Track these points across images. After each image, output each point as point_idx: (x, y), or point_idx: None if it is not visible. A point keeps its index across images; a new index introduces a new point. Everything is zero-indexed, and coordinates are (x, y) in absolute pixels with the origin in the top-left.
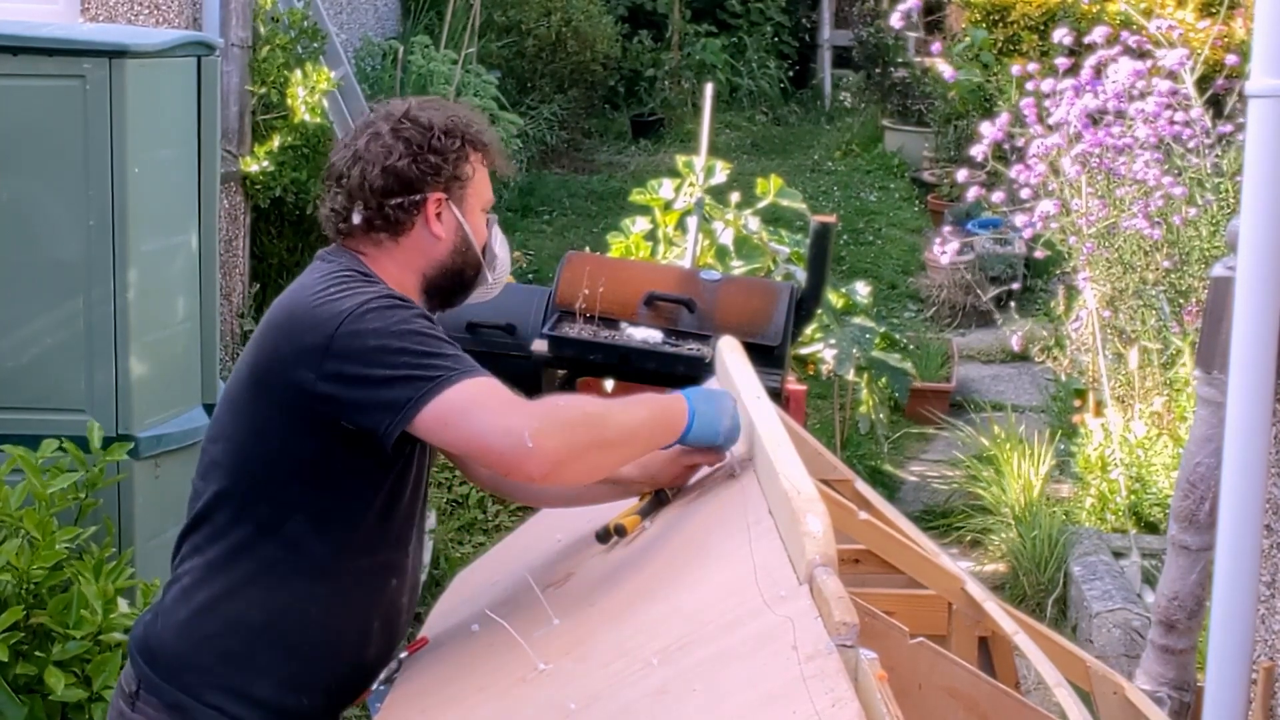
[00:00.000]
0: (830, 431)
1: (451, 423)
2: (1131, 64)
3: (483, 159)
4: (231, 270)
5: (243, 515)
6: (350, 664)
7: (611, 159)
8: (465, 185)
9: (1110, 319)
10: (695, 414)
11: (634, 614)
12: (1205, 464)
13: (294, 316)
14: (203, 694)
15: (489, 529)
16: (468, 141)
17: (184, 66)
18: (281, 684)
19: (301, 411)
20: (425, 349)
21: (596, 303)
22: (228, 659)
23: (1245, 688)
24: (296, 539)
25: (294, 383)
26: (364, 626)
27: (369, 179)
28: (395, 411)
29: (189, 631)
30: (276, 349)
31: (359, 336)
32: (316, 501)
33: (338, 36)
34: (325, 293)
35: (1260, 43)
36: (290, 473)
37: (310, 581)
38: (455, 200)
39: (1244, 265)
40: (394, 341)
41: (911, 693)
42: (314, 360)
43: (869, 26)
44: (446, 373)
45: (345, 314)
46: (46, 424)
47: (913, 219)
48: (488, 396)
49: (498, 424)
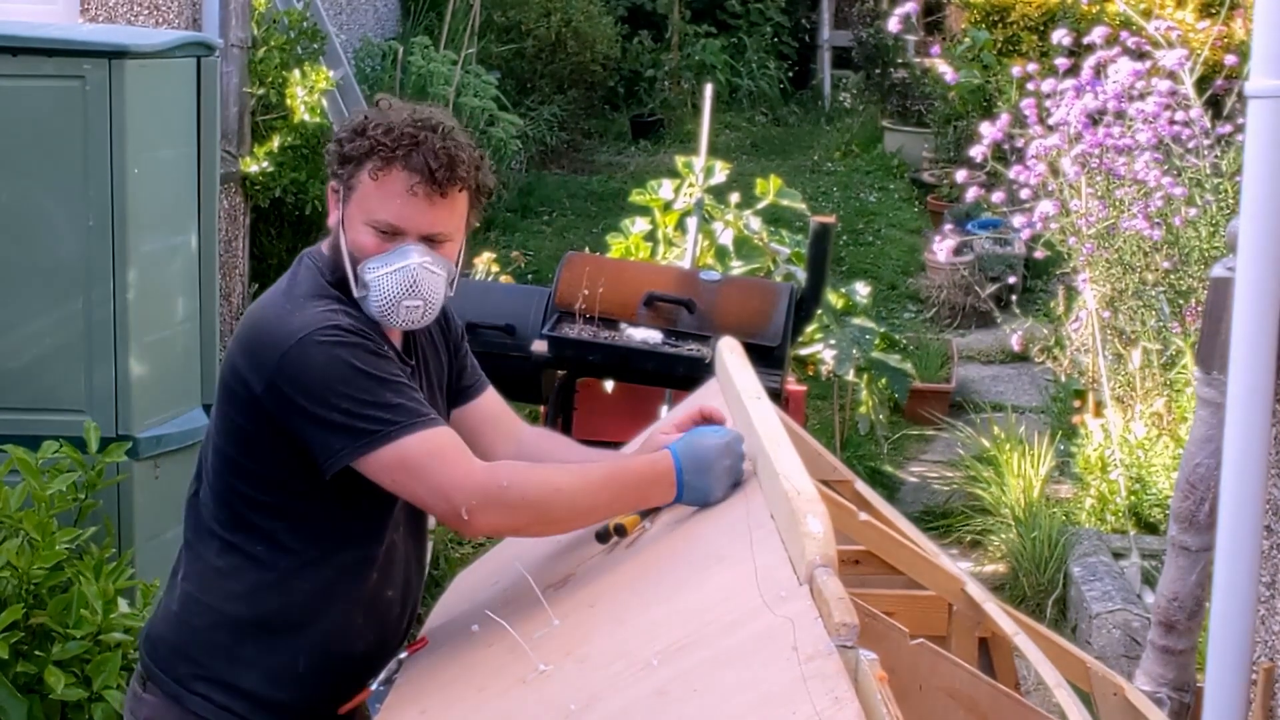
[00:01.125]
0: (830, 432)
1: (394, 480)
2: (1131, 64)
3: (373, 171)
4: (231, 271)
5: (220, 511)
6: (337, 657)
7: (611, 159)
8: (352, 188)
9: (1110, 319)
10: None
11: (634, 615)
12: (1205, 464)
13: (254, 330)
14: (193, 684)
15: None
16: (367, 152)
17: (183, 67)
18: (267, 676)
19: (257, 416)
20: (367, 399)
21: (596, 303)
22: (214, 650)
23: (1245, 688)
24: (269, 534)
25: (250, 390)
26: (346, 620)
27: None
28: (330, 454)
29: (180, 624)
30: (237, 359)
31: (303, 368)
32: (282, 498)
33: (337, 37)
34: (282, 308)
35: (1259, 43)
36: (256, 472)
37: (285, 575)
38: (344, 198)
39: (1243, 265)
40: (336, 385)
41: (912, 694)
42: (265, 379)
43: (869, 27)
44: (385, 428)
45: (293, 340)
46: (46, 424)
47: (912, 219)
48: (426, 460)
49: (436, 490)
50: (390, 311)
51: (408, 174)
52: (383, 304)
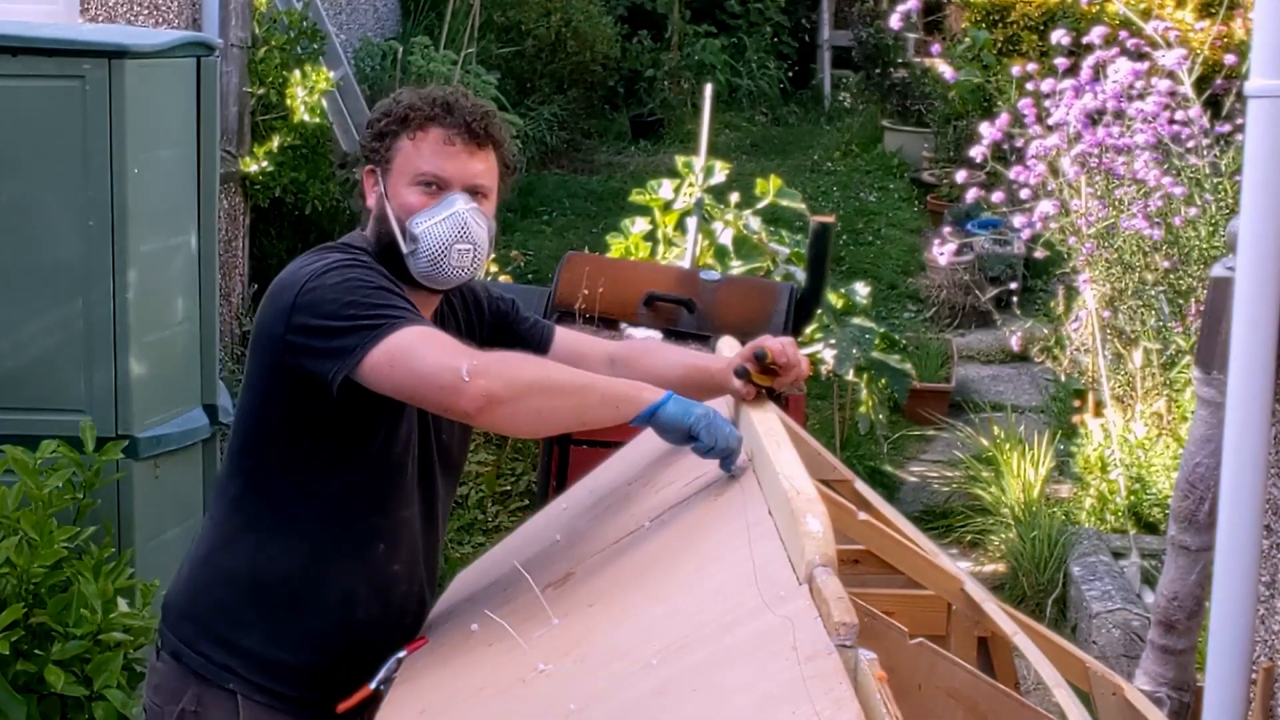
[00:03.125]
0: (830, 432)
1: (396, 363)
2: (1130, 64)
3: (410, 134)
4: (231, 270)
5: (238, 472)
6: (336, 624)
7: (611, 159)
8: (390, 162)
9: (1110, 319)
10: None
11: (634, 614)
12: (1205, 464)
13: (280, 282)
14: (196, 643)
15: (489, 529)
16: (402, 120)
17: (183, 67)
18: (267, 636)
19: (279, 367)
20: (375, 301)
21: (596, 303)
22: (218, 610)
23: (1245, 688)
24: (279, 495)
25: (273, 337)
26: (349, 587)
27: None
28: (343, 358)
29: (189, 584)
30: (265, 311)
31: (319, 291)
32: (296, 458)
33: (337, 37)
34: (305, 259)
35: (1259, 43)
36: (273, 429)
37: (292, 537)
38: (383, 175)
39: (1243, 265)
40: (347, 295)
41: (911, 693)
42: (285, 315)
43: (868, 27)
44: (391, 321)
45: (312, 273)
46: (46, 424)
47: (912, 219)
48: (429, 339)
49: (437, 360)
50: (441, 258)
51: (445, 129)
52: (433, 252)
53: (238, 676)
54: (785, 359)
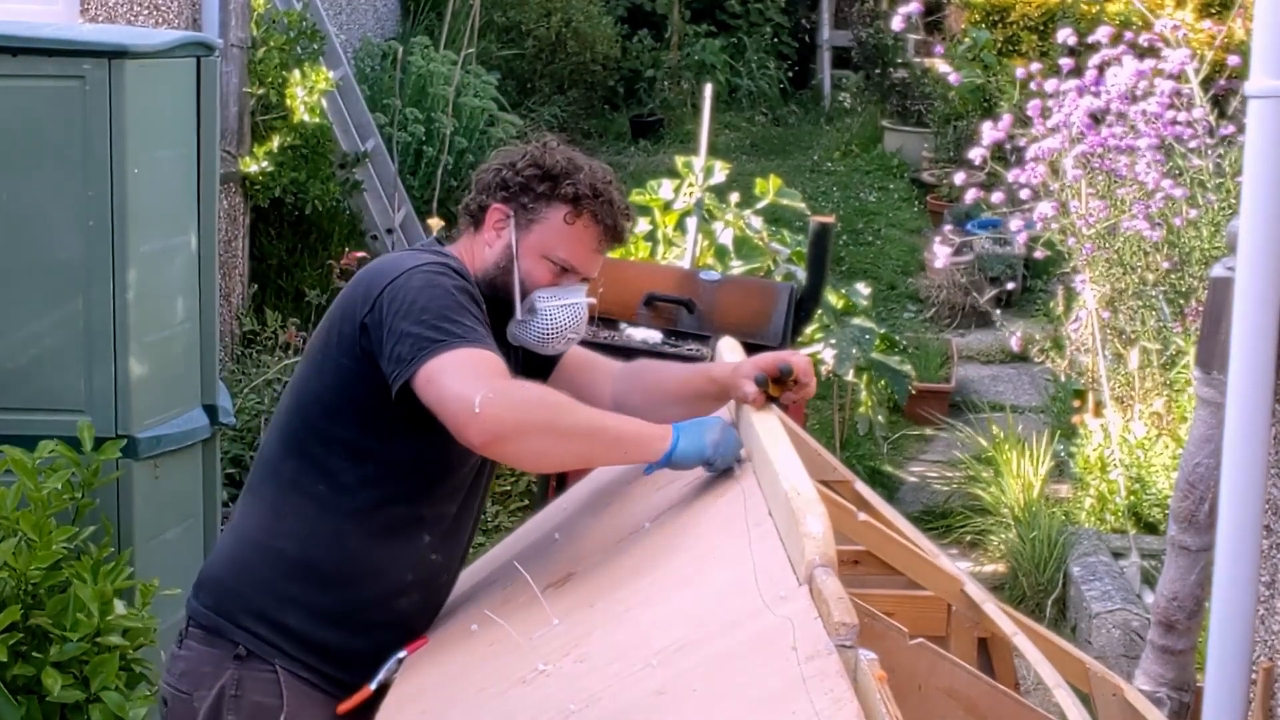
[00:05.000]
0: (829, 432)
1: (431, 381)
2: (1134, 64)
3: (569, 216)
4: (231, 271)
5: (291, 449)
6: (381, 609)
7: (611, 159)
8: (534, 220)
9: (1110, 319)
10: (680, 434)
11: (634, 615)
12: (1205, 464)
13: (371, 270)
14: (238, 617)
15: (489, 529)
16: (556, 187)
17: (183, 67)
18: (312, 616)
19: (353, 348)
20: (446, 314)
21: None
22: (264, 587)
23: (1245, 688)
24: (334, 473)
25: (353, 318)
26: (395, 574)
27: (476, 176)
28: (400, 365)
29: (232, 560)
30: (350, 294)
31: (403, 289)
32: (356, 437)
33: (337, 37)
34: (399, 256)
35: (1259, 43)
36: (336, 406)
37: (343, 518)
38: (518, 225)
39: (1243, 266)
40: (423, 300)
41: (911, 694)
42: (370, 301)
43: (868, 27)
44: (451, 339)
45: (404, 270)
46: (45, 425)
47: (912, 219)
48: (466, 364)
49: (457, 388)
50: (554, 339)
51: (600, 228)
52: (548, 332)
53: (281, 652)
54: (807, 378)
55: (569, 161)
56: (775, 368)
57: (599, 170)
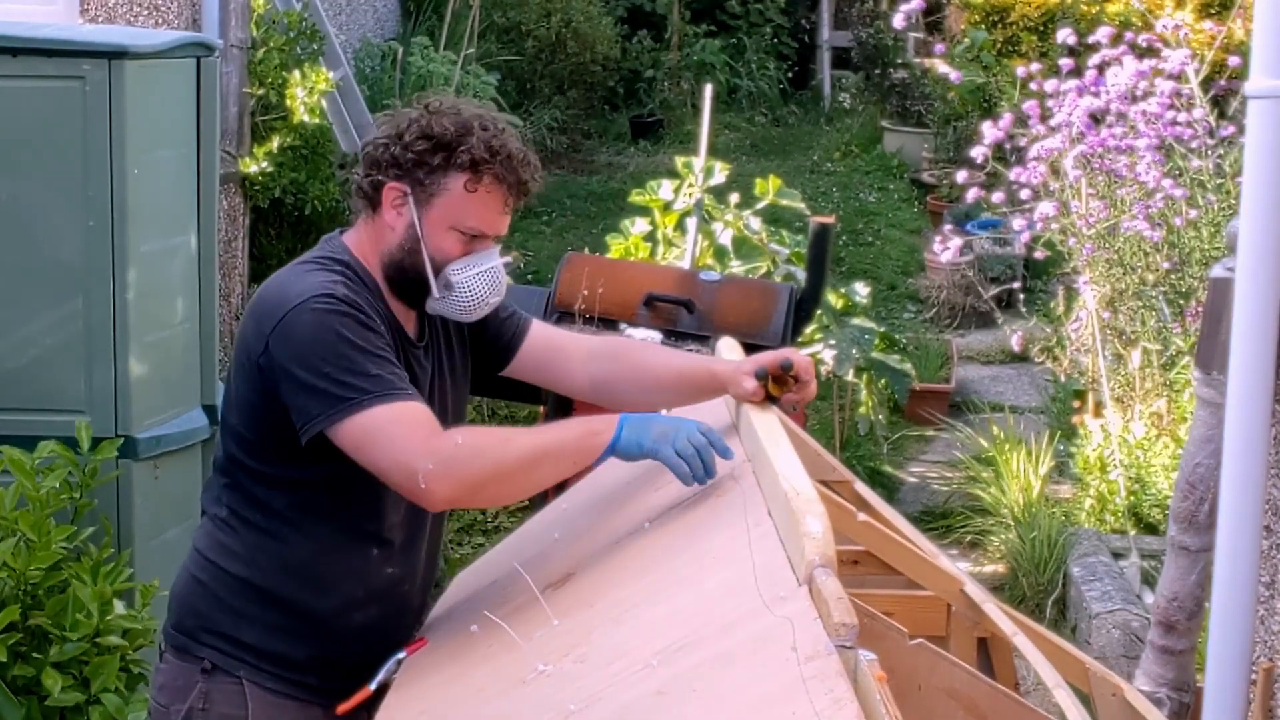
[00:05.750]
0: (829, 432)
1: (361, 447)
2: (1135, 64)
3: (470, 183)
4: (230, 271)
5: (227, 476)
6: (336, 623)
7: (611, 160)
8: (433, 194)
9: (1110, 320)
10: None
11: (633, 615)
12: (1205, 465)
13: (259, 302)
14: (199, 635)
15: (488, 529)
16: (451, 156)
17: (183, 67)
18: (269, 631)
19: (256, 384)
20: (346, 364)
21: (596, 304)
22: (219, 606)
23: (1244, 688)
24: (275, 503)
25: (251, 357)
26: (346, 590)
27: (363, 150)
28: (307, 419)
29: (189, 579)
30: (244, 328)
31: (294, 331)
32: (280, 469)
33: (337, 37)
34: (285, 279)
35: (1259, 43)
36: (252, 443)
37: (283, 543)
38: (418, 201)
39: (1243, 266)
40: (320, 349)
41: (911, 694)
42: (264, 340)
43: (868, 27)
44: (359, 396)
45: (289, 308)
46: (45, 425)
47: (912, 220)
48: (391, 426)
49: (396, 459)
50: (475, 308)
51: (503, 189)
52: (468, 302)
53: (246, 664)
54: (808, 376)
55: (457, 125)
56: (776, 364)
57: (490, 123)
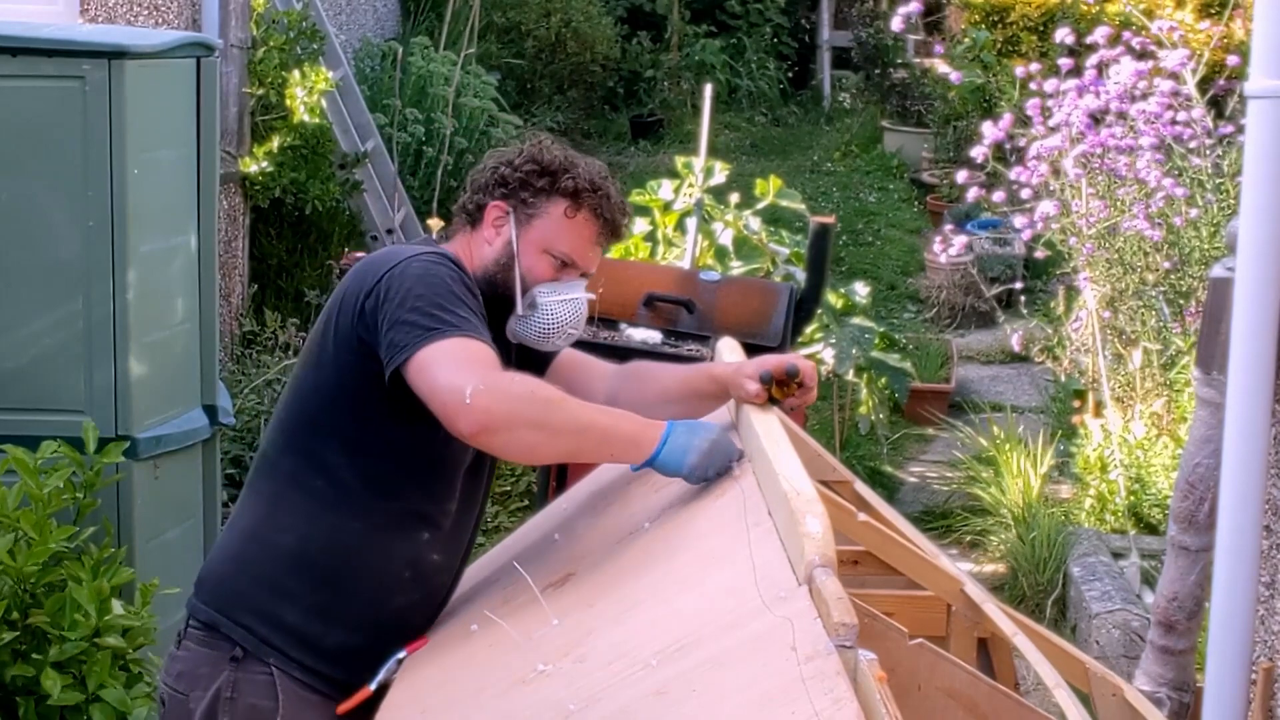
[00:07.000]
0: (830, 432)
1: (422, 371)
2: (1133, 64)
3: (569, 210)
4: (231, 271)
5: (290, 445)
6: (377, 605)
7: (611, 160)
8: (533, 215)
9: (1110, 320)
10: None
11: (633, 615)
12: (1205, 465)
13: (369, 260)
14: (235, 614)
15: (489, 529)
16: (555, 182)
17: (183, 67)
18: (308, 612)
19: (350, 339)
20: (441, 303)
21: (595, 303)
22: (261, 582)
23: (1245, 688)
24: (341, 473)
25: (351, 306)
26: (392, 569)
27: (471, 176)
28: (394, 351)
29: (230, 556)
30: (347, 284)
31: (400, 277)
32: (353, 432)
33: (337, 37)
34: (397, 248)
35: (1259, 43)
36: (333, 400)
37: (341, 514)
38: (518, 220)
39: (1243, 266)
40: (420, 288)
41: (911, 694)
42: (367, 292)
43: (868, 27)
44: (445, 328)
45: (401, 259)
46: (46, 425)
47: (912, 220)
48: (459, 353)
49: (449, 378)
50: (555, 334)
51: (599, 222)
52: (548, 327)
53: (277, 651)
54: (811, 382)
55: (566, 158)
56: (782, 369)
57: (595, 166)
